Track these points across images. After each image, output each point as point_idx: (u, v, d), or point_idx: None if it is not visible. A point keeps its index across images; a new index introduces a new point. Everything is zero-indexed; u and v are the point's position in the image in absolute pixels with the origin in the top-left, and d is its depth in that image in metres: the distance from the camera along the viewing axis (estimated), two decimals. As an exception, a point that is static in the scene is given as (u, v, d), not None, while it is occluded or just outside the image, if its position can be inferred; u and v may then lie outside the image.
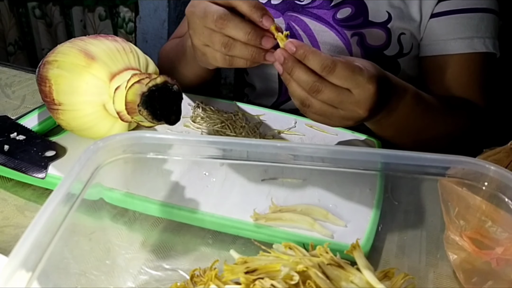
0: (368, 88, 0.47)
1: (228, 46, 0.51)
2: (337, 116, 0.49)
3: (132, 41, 1.09)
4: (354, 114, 0.49)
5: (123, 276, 0.40)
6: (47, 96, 0.51)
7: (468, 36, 0.68)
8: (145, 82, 0.47)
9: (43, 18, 1.86)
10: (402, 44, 0.71)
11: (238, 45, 0.51)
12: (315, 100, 0.48)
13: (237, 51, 0.51)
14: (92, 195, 0.37)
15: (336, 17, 0.72)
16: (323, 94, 0.47)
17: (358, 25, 0.71)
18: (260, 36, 0.51)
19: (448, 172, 0.39)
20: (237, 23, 0.50)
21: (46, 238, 0.30)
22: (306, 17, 0.73)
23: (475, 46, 0.68)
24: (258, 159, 0.41)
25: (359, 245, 0.37)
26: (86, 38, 0.54)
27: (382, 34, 0.70)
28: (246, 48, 0.51)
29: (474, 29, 0.68)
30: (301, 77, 0.47)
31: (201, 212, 0.45)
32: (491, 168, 0.37)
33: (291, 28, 0.74)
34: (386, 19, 0.70)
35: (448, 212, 0.40)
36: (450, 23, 0.69)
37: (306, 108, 0.49)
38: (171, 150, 0.41)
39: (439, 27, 0.69)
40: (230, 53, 0.52)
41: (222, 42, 0.51)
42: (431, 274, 0.42)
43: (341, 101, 0.47)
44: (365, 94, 0.47)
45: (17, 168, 0.49)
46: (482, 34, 0.68)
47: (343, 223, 0.45)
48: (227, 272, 0.34)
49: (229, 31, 0.50)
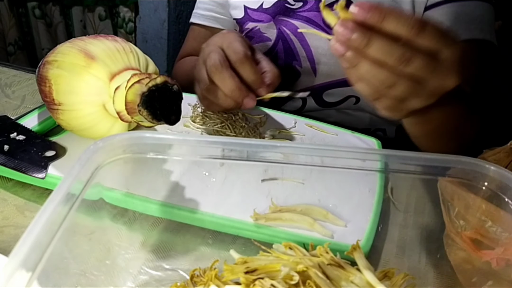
0: (456, 48, 0.39)
1: (209, 91, 0.57)
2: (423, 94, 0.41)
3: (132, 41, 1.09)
4: (444, 84, 0.41)
5: (123, 276, 0.40)
6: (47, 96, 0.51)
7: (464, 23, 0.67)
8: (145, 82, 0.47)
9: (43, 18, 1.86)
10: None
11: (219, 93, 0.56)
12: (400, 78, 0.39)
13: (216, 99, 0.57)
14: (92, 195, 0.37)
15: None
16: (415, 63, 0.38)
17: None
18: (243, 96, 0.56)
19: (448, 172, 0.39)
20: (226, 77, 0.54)
21: (46, 238, 0.30)
22: (297, 21, 0.73)
23: (472, 33, 0.67)
24: (258, 159, 0.41)
25: (359, 246, 0.37)
26: (86, 38, 0.54)
27: None
28: (226, 98, 0.56)
29: (470, 17, 0.67)
30: (385, 48, 0.37)
31: (201, 212, 0.45)
32: (491, 168, 0.37)
33: (282, 32, 0.74)
34: None
35: (448, 212, 0.40)
36: (444, 12, 0.68)
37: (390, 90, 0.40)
38: (171, 150, 0.41)
39: (433, 18, 0.69)
40: (209, 97, 0.57)
41: (206, 87, 0.56)
42: (431, 274, 0.42)
43: (434, 68, 0.39)
44: (455, 55, 0.39)
45: (17, 168, 0.49)
46: (478, 22, 0.67)
47: (343, 223, 0.45)
48: (227, 272, 0.34)
49: (216, 79, 0.55)
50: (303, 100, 0.77)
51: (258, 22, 0.75)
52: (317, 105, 0.76)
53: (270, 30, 0.75)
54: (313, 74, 0.74)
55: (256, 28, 0.75)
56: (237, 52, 0.55)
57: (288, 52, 0.74)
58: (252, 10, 0.76)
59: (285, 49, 0.74)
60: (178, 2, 1.52)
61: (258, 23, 0.75)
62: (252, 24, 0.76)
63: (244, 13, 0.77)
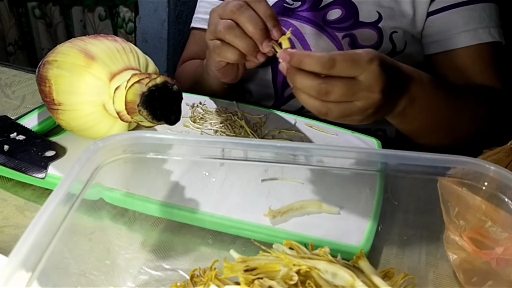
0: (372, 68, 0.45)
1: (229, 29, 0.53)
2: (357, 111, 0.48)
3: (132, 41, 1.09)
4: (370, 101, 0.47)
5: (123, 276, 0.40)
6: (47, 96, 0.51)
7: (472, 28, 0.67)
8: (145, 82, 0.47)
9: (43, 18, 1.86)
10: (394, 42, 0.71)
11: (238, 32, 0.53)
12: (330, 104, 0.46)
13: (235, 38, 0.53)
14: (92, 195, 0.37)
15: (326, 19, 0.72)
16: (333, 93, 0.45)
17: (349, 26, 0.71)
18: (264, 38, 0.53)
19: (448, 172, 0.39)
20: (253, 15, 0.52)
21: (46, 238, 0.30)
22: (296, 21, 0.73)
23: (481, 37, 0.67)
24: (258, 159, 0.41)
25: (364, 255, 0.37)
26: (86, 38, 0.54)
27: (374, 33, 0.70)
28: (245, 38, 0.53)
29: (477, 20, 0.68)
30: (305, 84, 0.46)
31: (201, 212, 0.45)
32: (491, 168, 0.37)
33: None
34: (376, 19, 0.70)
35: (448, 212, 0.40)
36: (451, 18, 0.68)
37: (326, 116, 0.48)
38: (171, 150, 0.41)
39: (441, 24, 0.69)
40: (227, 36, 0.53)
41: (225, 25, 0.53)
42: (431, 274, 0.42)
43: (353, 92, 0.46)
44: (371, 75, 0.46)
45: (17, 168, 0.49)
46: (486, 24, 0.68)
47: (336, 210, 0.45)
48: (226, 269, 0.34)
49: (241, 18, 0.52)
50: None
51: None
52: None
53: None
54: None
55: None
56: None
57: None
58: None
59: None
60: (178, 2, 1.52)
61: None
62: None
63: None
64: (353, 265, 0.37)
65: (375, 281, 0.34)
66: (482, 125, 0.66)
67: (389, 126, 0.78)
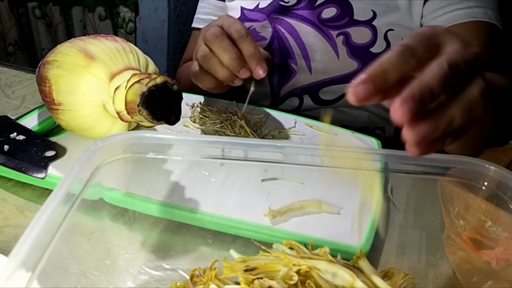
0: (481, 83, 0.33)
1: (205, 58, 0.56)
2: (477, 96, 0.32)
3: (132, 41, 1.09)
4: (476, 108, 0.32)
5: (123, 276, 0.40)
6: (47, 96, 0.51)
7: (467, 6, 0.67)
8: (145, 82, 0.47)
9: (43, 18, 1.86)
10: (389, 41, 0.71)
11: (214, 62, 0.55)
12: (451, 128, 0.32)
13: (211, 67, 0.56)
14: (92, 195, 0.37)
15: (321, 17, 0.72)
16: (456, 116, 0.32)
17: (344, 24, 0.71)
18: (241, 66, 0.55)
19: (448, 172, 0.39)
20: (228, 46, 0.54)
21: (46, 238, 0.30)
22: (291, 19, 0.74)
23: (476, 15, 0.66)
24: (258, 159, 0.41)
25: (364, 255, 0.37)
26: (86, 38, 0.54)
27: (368, 32, 0.70)
28: (221, 68, 0.55)
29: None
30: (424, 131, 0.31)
31: (201, 212, 0.45)
32: (491, 168, 0.37)
33: (277, 31, 0.74)
34: (371, 17, 0.70)
35: (448, 212, 0.40)
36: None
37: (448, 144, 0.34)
38: (171, 150, 0.41)
39: (435, 4, 0.69)
40: (204, 65, 0.56)
41: (203, 54, 0.55)
42: (431, 274, 0.42)
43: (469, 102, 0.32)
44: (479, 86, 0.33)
45: (17, 168, 0.49)
46: (482, 4, 0.67)
47: (336, 210, 0.46)
48: (226, 269, 0.34)
49: (216, 48, 0.54)
50: (300, 99, 0.77)
51: (253, 21, 0.76)
52: (314, 103, 0.77)
53: (265, 29, 0.75)
54: (308, 72, 0.74)
55: (252, 28, 0.76)
56: (238, 29, 0.56)
57: (283, 51, 0.75)
58: (248, 11, 0.77)
59: (281, 47, 0.75)
60: (178, 2, 1.52)
61: (253, 23, 0.76)
62: (248, 24, 0.76)
63: (241, 14, 0.78)
64: (353, 265, 0.37)
65: (375, 281, 0.34)
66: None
67: (388, 124, 0.79)
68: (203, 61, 0.56)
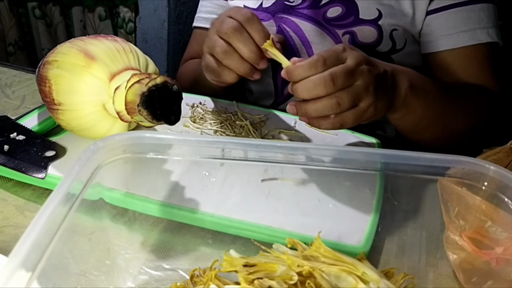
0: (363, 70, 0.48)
1: (227, 54, 0.55)
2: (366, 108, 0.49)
3: (132, 41, 1.09)
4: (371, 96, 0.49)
5: (123, 276, 0.40)
6: (47, 96, 0.51)
7: (470, 28, 0.68)
8: (145, 82, 0.47)
9: (43, 18, 1.86)
10: (394, 40, 0.71)
11: (236, 57, 0.55)
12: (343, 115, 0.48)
13: (233, 62, 0.55)
14: (92, 195, 0.37)
15: (326, 16, 0.72)
16: (343, 102, 0.47)
17: (349, 23, 0.71)
18: (260, 58, 0.55)
19: (448, 172, 0.39)
20: (247, 39, 0.54)
21: (46, 238, 0.30)
22: (296, 18, 0.74)
23: (479, 37, 0.67)
24: (258, 159, 0.41)
25: (364, 257, 0.37)
26: (86, 38, 0.54)
27: (374, 31, 0.70)
28: (242, 63, 0.55)
29: (476, 20, 0.68)
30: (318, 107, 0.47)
31: (201, 212, 0.45)
32: (491, 168, 0.37)
33: (282, 30, 0.74)
34: (376, 16, 0.70)
35: (448, 212, 0.40)
36: (450, 17, 0.68)
37: (343, 126, 0.50)
38: (171, 150, 0.41)
39: (439, 23, 0.69)
40: (225, 61, 0.55)
41: (223, 49, 0.55)
42: (431, 274, 0.42)
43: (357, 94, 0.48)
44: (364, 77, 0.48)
45: (17, 168, 0.49)
46: (484, 25, 0.68)
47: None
48: (226, 263, 0.34)
49: (236, 42, 0.54)
50: None
51: None
52: None
53: (270, 28, 0.75)
54: None
55: None
56: (244, 13, 0.55)
57: (288, 50, 0.74)
58: (252, 10, 0.77)
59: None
60: (178, 2, 1.52)
61: None
62: None
63: None
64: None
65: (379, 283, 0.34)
66: (477, 124, 0.66)
67: (389, 125, 0.79)
68: (223, 56, 0.55)
